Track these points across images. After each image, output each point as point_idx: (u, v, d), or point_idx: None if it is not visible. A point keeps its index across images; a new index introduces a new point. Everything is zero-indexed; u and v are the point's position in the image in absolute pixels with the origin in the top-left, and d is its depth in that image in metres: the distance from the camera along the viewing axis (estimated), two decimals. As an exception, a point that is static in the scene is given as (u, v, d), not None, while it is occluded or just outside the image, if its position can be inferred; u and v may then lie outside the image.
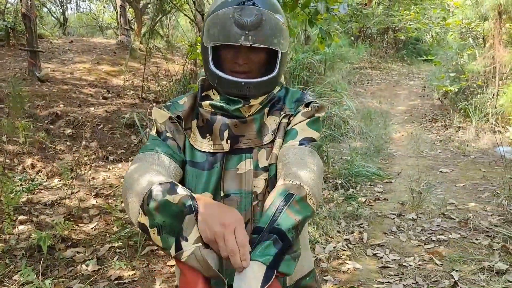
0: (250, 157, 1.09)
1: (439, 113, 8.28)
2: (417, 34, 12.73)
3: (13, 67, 7.11)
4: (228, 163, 1.09)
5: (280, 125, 1.12)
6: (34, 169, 4.28)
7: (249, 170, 1.08)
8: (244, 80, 1.05)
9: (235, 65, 1.07)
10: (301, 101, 1.15)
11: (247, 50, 1.05)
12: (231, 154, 1.09)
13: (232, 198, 1.07)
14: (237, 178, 1.08)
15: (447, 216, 3.90)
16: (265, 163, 1.09)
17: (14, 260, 2.83)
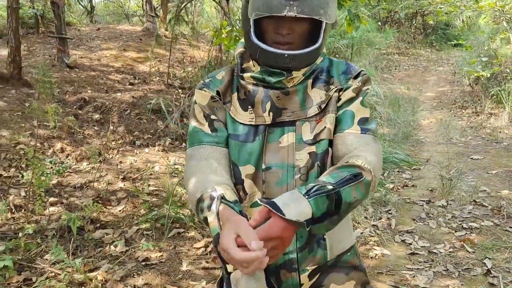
0: (293, 130, 1.06)
1: (470, 100, 8.03)
2: (447, 18, 12.32)
3: (43, 53, 7.25)
4: (270, 136, 1.07)
5: (331, 99, 1.08)
6: (63, 153, 4.36)
7: (292, 143, 1.06)
8: (287, 52, 1.02)
9: (278, 35, 1.03)
10: (348, 73, 1.11)
11: (291, 20, 1.02)
12: (273, 127, 1.07)
13: (273, 171, 1.06)
14: (279, 151, 1.06)
15: (479, 203, 3.79)
16: (309, 137, 1.06)
17: (45, 240, 2.90)
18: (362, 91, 1.10)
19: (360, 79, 1.10)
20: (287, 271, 1.07)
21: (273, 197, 1.01)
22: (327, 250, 1.09)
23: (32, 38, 8.12)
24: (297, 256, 1.07)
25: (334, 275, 1.11)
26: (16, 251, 2.71)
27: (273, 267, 1.07)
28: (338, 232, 1.10)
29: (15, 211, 3.20)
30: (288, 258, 1.07)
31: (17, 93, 5.26)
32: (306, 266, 1.08)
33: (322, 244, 1.08)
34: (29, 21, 8.43)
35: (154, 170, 4.22)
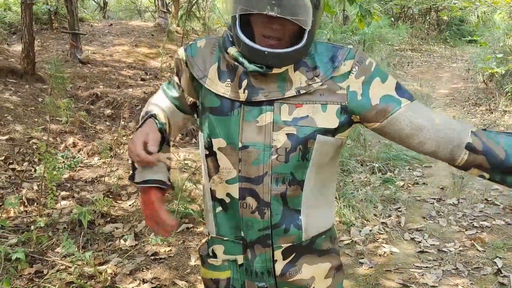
0: (271, 110, 1.05)
1: (484, 97, 7.91)
2: (462, 13, 12.16)
3: (56, 49, 7.33)
4: (248, 114, 1.06)
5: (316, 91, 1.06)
6: (75, 148, 4.41)
7: (269, 123, 1.05)
8: (267, 49, 1.00)
9: (267, 29, 1.02)
10: (335, 61, 1.07)
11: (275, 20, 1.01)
12: (251, 105, 1.06)
13: (250, 150, 1.05)
14: (257, 130, 1.05)
15: (491, 202, 3.75)
16: (287, 118, 1.04)
17: (57, 233, 2.95)
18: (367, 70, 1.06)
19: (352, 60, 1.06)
20: (261, 246, 1.10)
21: (250, 176, 1.06)
22: (302, 230, 1.10)
23: (45, 33, 8.21)
24: (272, 232, 1.09)
25: (307, 256, 1.13)
26: (28, 243, 2.75)
27: (249, 241, 1.10)
28: (315, 214, 1.12)
29: (27, 204, 3.26)
30: (262, 234, 1.09)
31: (30, 88, 5.33)
32: (280, 243, 1.10)
33: (297, 224, 1.09)
34: (42, 17, 8.53)
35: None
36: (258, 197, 1.07)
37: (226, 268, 1.15)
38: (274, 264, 1.11)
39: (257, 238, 1.10)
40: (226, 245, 1.15)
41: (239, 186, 1.08)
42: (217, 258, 1.17)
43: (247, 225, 1.09)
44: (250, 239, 1.10)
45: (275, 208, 1.07)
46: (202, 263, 1.23)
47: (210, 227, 1.18)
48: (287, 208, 1.08)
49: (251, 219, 1.08)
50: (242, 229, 1.10)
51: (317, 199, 1.12)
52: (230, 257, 1.14)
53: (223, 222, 1.14)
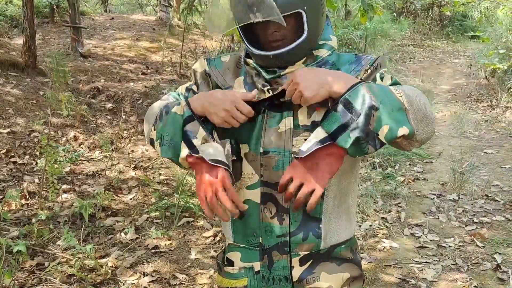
0: (291, 115, 1.06)
1: (485, 93, 7.89)
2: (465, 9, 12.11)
3: (57, 43, 7.33)
4: (270, 121, 1.07)
5: None
6: (76, 141, 4.42)
7: (289, 128, 1.06)
8: (271, 53, 1.03)
9: (267, 35, 1.05)
10: (358, 64, 1.09)
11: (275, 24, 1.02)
12: (273, 111, 1.07)
13: (270, 156, 1.07)
14: (277, 136, 1.06)
15: (491, 198, 3.75)
16: (307, 122, 1.06)
17: (58, 226, 2.96)
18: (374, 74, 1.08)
19: (372, 66, 1.09)
20: (279, 252, 1.10)
21: (271, 181, 1.07)
22: (321, 239, 1.09)
23: (47, 27, 8.20)
24: (289, 239, 1.08)
25: (326, 265, 1.11)
26: (30, 236, 2.77)
27: (267, 247, 1.10)
28: (336, 223, 1.11)
29: (28, 197, 3.27)
30: (280, 240, 1.09)
31: (32, 81, 5.33)
32: (298, 251, 1.09)
33: (317, 232, 1.08)
34: (44, 10, 8.51)
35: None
36: (277, 202, 1.07)
37: (243, 276, 1.14)
38: (291, 270, 1.10)
39: (275, 245, 1.10)
40: (243, 252, 1.15)
41: (261, 190, 1.08)
42: (233, 266, 1.16)
43: (266, 231, 1.09)
44: (268, 245, 1.10)
45: (294, 215, 1.07)
46: (219, 271, 1.23)
47: (227, 233, 1.18)
48: (306, 216, 1.07)
49: (270, 224, 1.09)
50: (261, 234, 1.10)
51: (338, 208, 1.11)
52: (247, 264, 1.14)
53: (240, 229, 1.14)
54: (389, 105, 0.93)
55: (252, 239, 1.12)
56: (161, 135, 1.05)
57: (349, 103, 0.93)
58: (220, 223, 1.24)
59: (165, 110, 1.07)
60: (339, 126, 0.93)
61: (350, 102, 0.93)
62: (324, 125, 0.96)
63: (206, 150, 1.00)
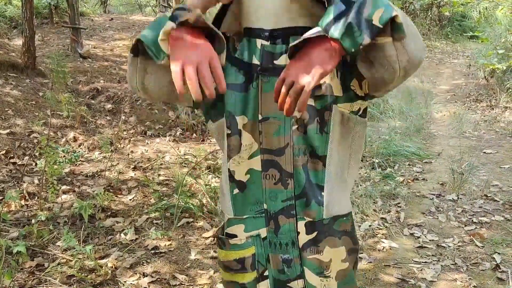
0: None
1: (484, 93, 7.90)
2: (464, 9, 12.12)
3: (56, 43, 7.33)
4: (266, 85, 1.04)
5: None
6: (76, 142, 4.43)
7: None
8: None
9: None
10: None
11: None
12: (268, 75, 1.04)
13: (270, 121, 1.06)
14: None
15: (490, 198, 3.75)
16: None
17: (58, 227, 2.96)
18: None
19: None
20: (285, 216, 1.10)
21: (272, 148, 1.05)
22: (323, 207, 1.09)
23: (46, 28, 8.21)
24: (295, 203, 1.09)
25: (330, 239, 1.11)
26: (29, 237, 2.77)
27: (272, 213, 1.11)
28: (337, 194, 1.11)
29: (28, 198, 3.27)
30: (286, 204, 1.09)
31: (31, 82, 5.33)
32: (303, 215, 1.10)
33: (319, 200, 1.09)
34: (43, 11, 8.52)
35: (165, 160, 4.26)
36: (281, 168, 1.07)
37: (250, 245, 1.14)
38: (298, 235, 1.11)
39: (281, 209, 1.10)
40: (247, 223, 1.14)
41: (261, 158, 1.08)
42: (237, 238, 1.15)
43: (271, 196, 1.09)
44: (273, 210, 1.10)
45: (298, 179, 1.07)
46: (221, 246, 1.19)
47: (227, 209, 1.17)
48: (309, 181, 1.08)
49: (274, 190, 1.09)
50: (266, 201, 1.10)
51: (340, 180, 1.11)
52: (253, 232, 1.13)
53: (240, 202, 1.13)
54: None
55: (256, 207, 1.12)
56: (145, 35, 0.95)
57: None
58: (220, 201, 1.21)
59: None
60: (333, 18, 0.87)
61: None
62: (319, 23, 0.89)
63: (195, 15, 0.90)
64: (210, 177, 3.64)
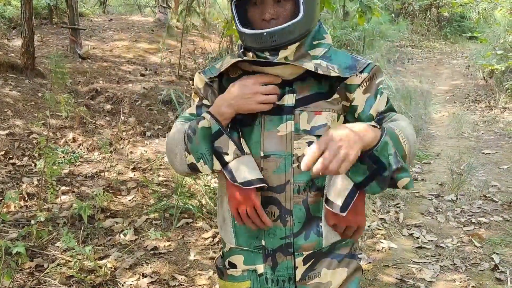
0: (291, 119, 1.07)
1: (483, 93, 7.92)
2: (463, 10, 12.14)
3: (55, 44, 7.33)
4: (269, 124, 1.08)
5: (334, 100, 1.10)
6: (75, 143, 4.43)
7: (290, 132, 1.07)
8: (265, 30, 1.02)
9: (263, 22, 1.06)
10: (353, 68, 1.09)
11: (272, 4, 1.05)
12: (271, 114, 1.08)
13: (271, 159, 1.08)
14: (278, 140, 1.08)
15: (489, 198, 3.76)
16: (307, 127, 1.07)
17: (57, 227, 2.96)
18: (373, 88, 1.10)
19: (367, 74, 1.08)
20: (283, 254, 1.11)
21: (272, 185, 1.08)
22: (322, 237, 1.10)
23: (45, 28, 8.21)
24: (293, 240, 1.10)
25: (326, 261, 1.13)
26: (29, 238, 2.77)
27: (270, 250, 1.11)
28: None
29: (27, 199, 3.27)
30: (284, 242, 1.10)
31: (30, 83, 5.33)
32: (301, 251, 1.11)
33: (318, 231, 1.10)
34: (42, 12, 8.52)
35: (164, 161, 4.26)
36: (280, 205, 1.09)
37: (246, 278, 1.15)
38: (295, 270, 1.12)
39: (279, 246, 1.11)
40: (246, 255, 1.15)
41: (261, 194, 1.09)
42: (236, 269, 1.17)
43: (269, 233, 1.11)
44: (271, 247, 1.11)
45: (297, 216, 1.09)
46: (220, 275, 1.23)
47: (228, 237, 1.18)
48: (309, 215, 1.10)
49: (273, 227, 1.10)
50: (264, 237, 1.11)
51: None
52: (250, 267, 1.15)
53: (242, 232, 1.14)
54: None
55: (254, 242, 1.13)
56: (201, 154, 1.07)
57: (376, 157, 0.97)
58: (219, 229, 1.24)
59: (190, 132, 1.08)
60: (367, 177, 0.99)
61: (377, 156, 0.97)
62: (350, 176, 1.01)
63: (239, 170, 1.05)
64: (209, 177, 3.64)
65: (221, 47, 6.71)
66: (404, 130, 1.02)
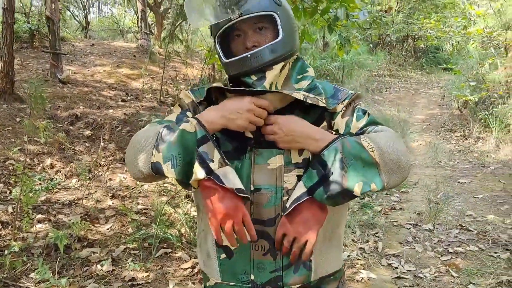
0: (282, 153, 1.09)
1: (458, 123, 8.16)
2: (437, 42, 12.60)
3: (36, 68, 7.27)
4: (259, 158, 1.09)
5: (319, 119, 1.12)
6: (53, 169, 4.35)
7: (281, 165, 1.08)
8: (249, 53, 1.06)
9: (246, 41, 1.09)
10: (335, 97, 1.14)
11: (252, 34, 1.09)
12: (261, 148, 1.10)
13: (262, 192, 1.08)
14: (268, 173, 1.08)
15: (465, 227, 3.83)
16: (298, 159, 1.09)
17: (31, 258, 2.88)
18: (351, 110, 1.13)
19: (348, 101, 1.13)
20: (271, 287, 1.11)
21: (262, 218, 1.08)
22: (312, 271, 1.11)
23: (26, 52, 8.15)
24: (282, 274, 1.10)
25: None
26: (1, 269, 2.68)
27: (259, 285, 1.11)
28: (326, 255, 1.13)
29: (1, 228, 3.18)
30: (274, 276, 1.10)
31: (8, 107, 5.26)
32: (290, 285, 1.11)
33: (308, 264, 1.10)
34: (23, 35, 8.47)
35: (143, 188, 4.22)
36: (270, 238, 1.08)
37: None
38: None
39: (268, 281, 1.10)
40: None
41: None
42: None
43: (259, 268, 1.10)
44: (260, 281, 1.11)
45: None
46: None
47: (214, 273, 1.16)
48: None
49: (263, 261, 1.10)
50: (253, 272, 1.11)
51: (329, 241, 1.13)
52: None
53: (228, 268, 1.13)
54: (360, 162, 0.99)
55: (243, 277, 1.12)
56: (172, 156, 0.98)
57: (324, 161, 1.00)
58: (202, 265, 1.21)
59: (167, 130, 1.01)
60: (316, 182, 1.01)
61: (325, 161, 1.00)
62: (303, 181, 1.04)
63: (227, 177, 1.00)
64: (189, 206, 3.62)
65: (203, 74, 6.78)
66: (376, 138, 1.02)
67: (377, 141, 1.01)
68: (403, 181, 1.05)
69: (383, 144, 1.00)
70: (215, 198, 1.00)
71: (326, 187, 0.99)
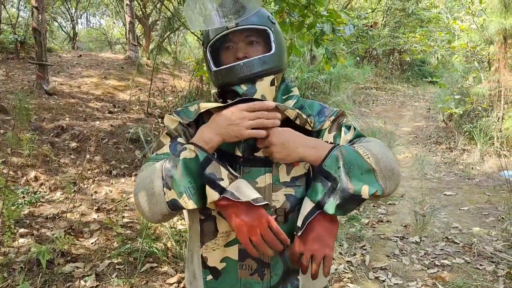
0: (270, 171, 1.09)
1: (444, 135, 8.26)
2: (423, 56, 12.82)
3: (21, 79, 7.19)
4: (247, 176, 1.09)
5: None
6: (37, 182, 4.28)
7: (269, 184, 1.08)
8: (242, 61, 1.07)
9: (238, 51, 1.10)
10: (322, 115, 1.16)
11: (244, 46, 1.10)
12: (250, 166, 1.09)
13: None
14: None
15: (451, 240, 3.85)
16: (286, 178, 1.09)
17: (13, 274, 2.81)
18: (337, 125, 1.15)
19: (334, 117, 1.15)
20: None
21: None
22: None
23: (11, 63, 8.06)
24: None
25: None
26: (-19, 285, 2.62)
27: None
28: None
29: (-18, 242, 3.11)
30: None
31: (-8, 119, 5.18)
32: None
33: (295, 283, 1.10)
34: (9, 46, 8.40)
35: (129, 202, 4.17)
36: (257, 258, 1.07)
37: None
38: None
39: None
40: None
41: (238, 247, 1.08)
42: None
43: (246, 287, 1.09)
44: None
45: (275, 269, 1.08)
46: None
47: None
48: (287, 268, 1.09)
49: (250, 281, 1.09)
50: None
51: None
52: None
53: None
54: (359, 169, 0.99)
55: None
56: (184, 189, 0.97)
57: (326, 172, 0.99)
58: (188, 285, 1.18)
59: (170, 166, 1.00)
60: (323, 195, 0.99)
61: (328, 172, 1.00)
62: (309, 196, 1.02)
63: (240, 190, 0.98)
64: (175, 219, 3.58)
65: (191, 85, 6.77)
66: (368, 146, 1.04)
67: (370, 149, 1.03)
68: (396, 188, 1.06)
69: (376, 152, 1.02)
70: (235, 214, 0.98)
71: (336, 197, 0.98)
